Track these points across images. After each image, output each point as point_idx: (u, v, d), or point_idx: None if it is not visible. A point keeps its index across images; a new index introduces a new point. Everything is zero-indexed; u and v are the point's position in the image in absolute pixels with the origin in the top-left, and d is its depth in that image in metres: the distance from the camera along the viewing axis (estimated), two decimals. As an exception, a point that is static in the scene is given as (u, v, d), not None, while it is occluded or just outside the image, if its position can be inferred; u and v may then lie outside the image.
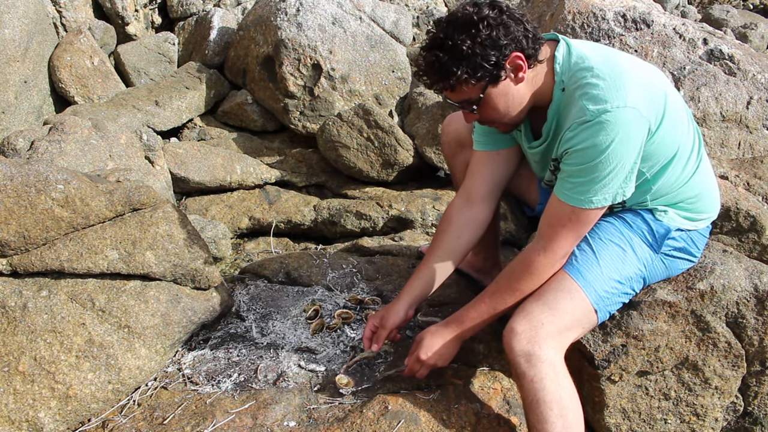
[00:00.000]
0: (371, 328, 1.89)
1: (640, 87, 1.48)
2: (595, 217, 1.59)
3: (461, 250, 1.90)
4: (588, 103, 1.47)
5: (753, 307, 1.80)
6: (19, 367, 1.70)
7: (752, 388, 1.92)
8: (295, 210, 3.22)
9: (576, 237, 1.61)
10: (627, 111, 1.44)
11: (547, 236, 1.62)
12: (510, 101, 1.59)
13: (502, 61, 1.51)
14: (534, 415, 1.55)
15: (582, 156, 1.49)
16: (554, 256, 1.62)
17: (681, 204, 1.71)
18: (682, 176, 1.67)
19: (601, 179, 1.49)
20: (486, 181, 1.88)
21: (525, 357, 1.55)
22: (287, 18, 3.69)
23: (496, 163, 1.87)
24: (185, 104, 3.79)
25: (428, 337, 1.77)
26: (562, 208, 1.58)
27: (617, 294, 1.70)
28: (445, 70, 1.52)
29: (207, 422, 1.73)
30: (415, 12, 5.13)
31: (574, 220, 1.57)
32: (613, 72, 1.49)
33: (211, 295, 2.08)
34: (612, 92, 1.46)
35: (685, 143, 1.65)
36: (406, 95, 3.90)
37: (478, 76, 1.51)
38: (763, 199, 2.42)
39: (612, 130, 1.43)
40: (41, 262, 1.82)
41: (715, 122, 3.00)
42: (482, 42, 1.48)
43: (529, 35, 1.53)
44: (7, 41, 3.22)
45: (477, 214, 1.88)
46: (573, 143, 1.51)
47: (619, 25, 3.28)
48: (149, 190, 1.99)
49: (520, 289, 1.66)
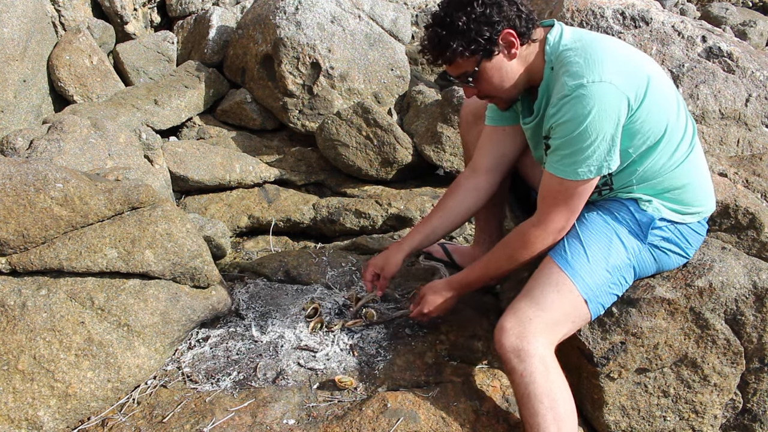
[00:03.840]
0: (371, 273, 2.09)
1: (617, 64, 1.58)
2: (584, 191, 1.65)
3: (462, 214, 2.06)
4: (568, 79, 1.57)
5: (752, 304, 1.80)
6: (18, 365, 1.70)
7: (751, 385, 1.93)
8: (295, 208, 3.22)
9: (568, 210, 1.68)
10: (602, 85, 1.53)
11: (540, 210, 1.72)
12: (504, 75, 1.70)
13: (494, 37, 1.62)
14: (526, 409, 1.61)
15: (564, 129, 1.58)
16: (546, 229, 1.71)
17: (666, 194, 1.75)
18: (670, 162, 1.71)
19: (584, 150, 1.57)
20: (491, 154, 2.01)
21: (515, 353, 1.62)
22: (286, 16, 3.68)
23: (502, 138, 1.99)
24: (184, 103, 3.79)
25: (430, 294, 1.97)
26: (551, 182, 1.67)
27: (607, 284, 1.73)
28: (443, 45, 1.65)
29: (206, 420, 1.74)
30: (414, 10, 5.13)
31: (563, 192, 1.66)
32: (594, 51, 1.59)
33: (210, 293, 2.09)
34: (589, 68, 1.56)
35: (675, 128, 1.69)
36: (405, 93, 3.90)
37: (472, 49, 1.63)
38: (761, 196, 2.42)
39: (588, 103, 1.53)
40: (40, 261, 1.82)
41: (713, 120, 3.00)
42: (476, 18, 1.60)
43: (522, 15, 1.64)
44: (6, 40, 3.22)
45: (481, 183, 2.02)
46: (556, 118, 1.60)
47: (618, 23, 3.28)
48: (148, 189, 1.99)
49: (515, 258, 1.79)
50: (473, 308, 2.20)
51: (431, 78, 4.56)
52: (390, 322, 2.15)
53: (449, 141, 3.26)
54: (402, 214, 3.06)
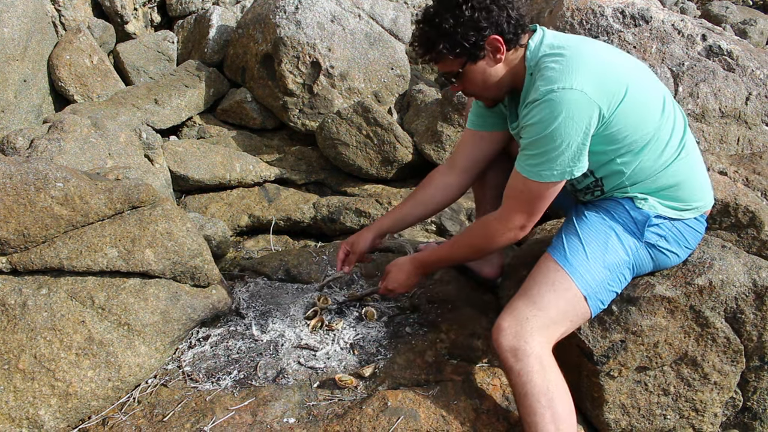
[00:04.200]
0: (344, 251, 2.16)
1: (593, 73, 1.57)
2: (547, 194, 1.66)
3: (431, 207, 2.16)
4: (540, 84, 1.58)
5: (752, 303, 1.80)
6: (19, 365, 1.70)
7: (751, 383, 1.93)
8: (295, 207, 3.22)
9: (528, 210, 1.70)
10: (572, 93, 1.53)
11: (503, 205, 1.75)
12: (487, 78, 1.72)
13: (480, 42, 1.64)
14: (524, 408, 1.62)
15: (531, 130, 1.60)
16: (506, 225, 1.73)
17: (661, 192, 1.75)
18: (660, 162, 1.71)
19: (548, 153, 1.58)
20: (468, 157, 2.06)
21: (512, 352, 1.63)
22: (286, 16, 3.69)
23: (478, 143, 2.03)
24: (184, 102, 3.79)
25: (394, 270, 2.05)
26: (516, 179, 1.69)
27: (606, 282, 1.73)
28: (430, 44, 1.67)
29: (207, 419, 1.74)
30: (414, 9, 5.13)
31: (525, 192, 1.67)
32: (572, 59, 1.59)
33: (210, 292, 2.09)
34: (563, 74, 1.56)
35: (661, 129, 1.70)
36: (405, 92, 3.90)
37: (457, 52, 1.65)
38: (762, 194, 2.42)
39: (555, 109, 1.53)
40: (41, 260, 1.82)
41: (714, 118, 3.00)
42: (464, 22, 1.61)
43: (511, 21, 1.64)
44: (7, 40, 3.22)
45: (453, 181, 2.09)
46: (526, 120, 1.62)
47: (618, 22, 3.28)
48: (148, 188, 1.99)
49: (477, 248, 1.87)
50: (473, 307, 2.20)
51: (431, 77, 4.56)
52: (360, 300, 2.26)
53: (449, 140, 3.27)
54: (402, 213, 3.05)
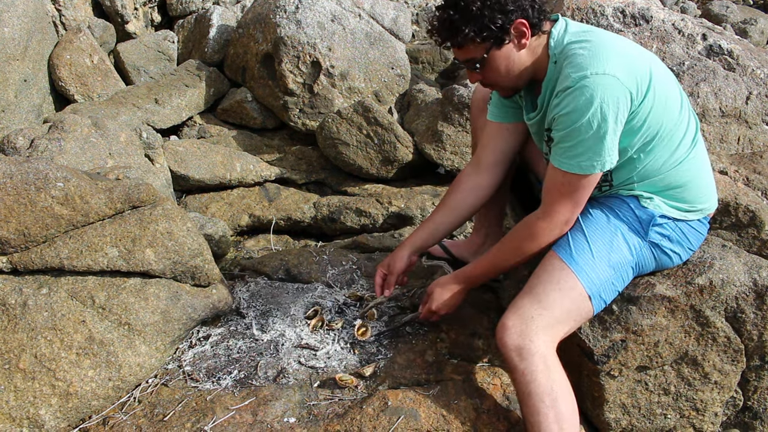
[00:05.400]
0: (381, 275, 2.10)
1: (621, 59, 1.57)
2: (588, 184, 1.64)
3: (464, 212, 2.07)
4: (571, 71, 1.57)
5: (752, 302, 1.80)
6: (19, 364, 1.70)
7: (752, 383, 1.93)
8: (295, 207, 3.22)
9: (572, 203, 1.68)
10: (605, 78, 1.52)
11: (545, 202, 1.71)
12: (511, 65, 1.69)
13: (507, 26, 1.61)
14: (527, 407, 1.61)
15: (566, 120, 1.58)
16: (552, 222, 1.70)
17: (668, 192, 1.75)
18: (672, 160, 1.71)
19: (585, 142, 1.56)
20: (494, 151, 2.01)
21: (516, 351, 1.62)
22: (286, 15, 3.69)
23: (505, 135, 1.99)
24: (185, 102, 3.79)
25: (438, 290, 1.95)
26: (555, 175, 1.66)
27: (610, 280, 1.73)
28: (454, 28, 1.63)
29: (207, 419, 1.74)
30: (415, 9, 5.13)
31: (567, 185, 1.65)
32: (600, 45, 1.59)
33: (211, 292, 2.09)
34: (593, 60, 1.55)
35: (677, 126, 1.69)
36: (405, 92, 3.90)
37: (483, 36, 1.61)
38: (762, 194, 2.42)
39: (591, 95, 1.52)
40: (41, 260, 1.82)
41: (714, 117, 3.00)
42: (491, 5, 1.58)
43: (535, 5, 1.63)
44: (7, 40, 3.22)
45: (483, 180, 2.03)
46: (558, 109, 1.60)
47: (618, 21, 3.28)
48: (149, 188, 1.99)
49: (522, 251, 1.78)
50: (474, 306, 2.20)
51: (432, 77, 4.56)
52: (401, 328, 2.11)
53: (450, 139, 3.26)
54: (402, 212, 3.06)
